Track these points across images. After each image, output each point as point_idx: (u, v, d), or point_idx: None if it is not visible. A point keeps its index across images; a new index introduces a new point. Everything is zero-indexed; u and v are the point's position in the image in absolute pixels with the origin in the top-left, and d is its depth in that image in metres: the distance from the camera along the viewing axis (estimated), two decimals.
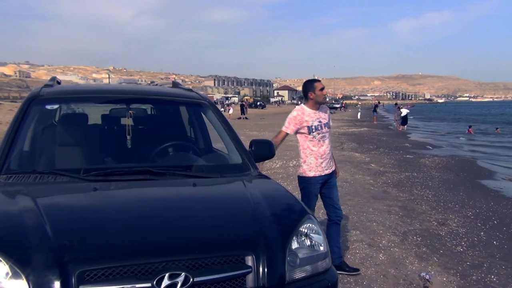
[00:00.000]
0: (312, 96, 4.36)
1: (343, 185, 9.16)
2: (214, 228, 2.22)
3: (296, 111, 4.40)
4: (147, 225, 2.15)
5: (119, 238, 2.06)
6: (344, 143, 18.59)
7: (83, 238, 2.03)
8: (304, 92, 4.44)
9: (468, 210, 7.38)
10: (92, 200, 2.47)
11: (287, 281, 2.16)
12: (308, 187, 4.43)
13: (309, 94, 4.37)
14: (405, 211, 7.19)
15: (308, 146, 4.37)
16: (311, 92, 4.36)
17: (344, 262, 4.59)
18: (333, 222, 4.60)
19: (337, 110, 76.34)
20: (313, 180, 4.40)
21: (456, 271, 4.65)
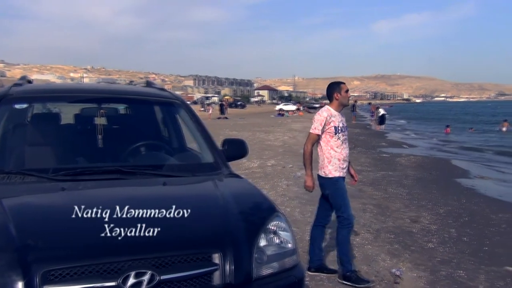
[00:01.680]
0: (338, 97, 4.37)
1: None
2: (182, 226, 2.24)
3: (325, 111, 4.35)
4: (113, 224, 2.15)
5: (84, 237, 2.06)
6: None
7: (47, 237, 2.03)
8: (330, 93, 4.42)
9: (440, 208, 7.54)
10: (59, 200, 2.46)
11: (254, 278, 2.20)
12: (338, 188, 4.34)
13: (335, 95, 4.37)
14: (380, 209, 7.31)
15: (332, 147, 4.31)
16: (337, 93, 4.37)
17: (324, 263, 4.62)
18: (323, 226, 4.66)
19: (316, 109, 76.71)
20: (341, 180, 4.38)
21: (426, 267, 4.76)
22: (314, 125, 4.32)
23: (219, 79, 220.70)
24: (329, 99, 4.45)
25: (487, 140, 25.69)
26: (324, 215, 4.59)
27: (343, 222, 4.30)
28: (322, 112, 4.36)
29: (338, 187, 4.33)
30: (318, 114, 4.35)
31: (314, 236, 4.58)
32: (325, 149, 4.32)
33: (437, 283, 4.35)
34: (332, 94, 4.40)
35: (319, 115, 4.34)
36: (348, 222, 4.29)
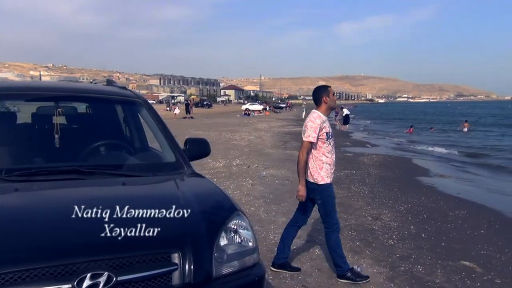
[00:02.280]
0: (327, 101, 4.33)
1: (285, 183, 9.34)
2: (140, 226, 2.21)
3: (317, 118, 4.26)
4: (69, 225, 2.11)
5: (38, 239, 2.00)
6: (288, 142, 18.90)
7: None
8: (318, 97, 4.36)
9: (400, 205, 7.74)
10: (12, 201, 2.38)
11: (214, 277, 2.19)
12: (330, 194, 4.37)
13: (324, 99, 4.33)
14: (343, 207, 7.42)
15: (324, 153, 4.29)
16: (326, 96, 4.33)
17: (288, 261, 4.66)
18: (298, 226, 4.71)
19: (282, 109, 77.45)
20: (332, 186, 4.41)
21: (386, 263, 4.88)
22: (308, 133, 4.21)
23: (185, 78, 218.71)
24: (316, 103, 4.40)
25: (447, 139, 26.58)
26: (303, 217, 4.61)
27: (332, 227, 4.38)
28: (315, 119, 4.26)
29: (330, 194, 4.36)
30: (311, 122, 4.24)
31: (287, 235, 4.62)
32: (317, 155, 4.28)
33: (396, 278, 4.46)
34: (320, 97, 4.35)
35: (312, 122, 4.24)
36: (337, 226, 4.41)
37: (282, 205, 7.31)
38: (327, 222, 4.39)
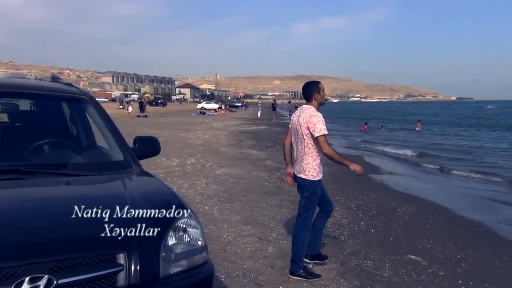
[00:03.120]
0: (317, 97, 4.36)
1: (239, 181, 9.34)
2: (83, 227, 2.14)
3: (317, 111, 4.27)
4: (6, 226, 2.00)
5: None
6: (242, 141, 18.93)
7: None
8: (309, 93, 4.37)
9: (351, 202, 7.93)
10: None
11: (161, 277, 2.16)
12: (317, 191, 4.40)
13: (315, 95, 4.35)
14: (296, 205, 7.38)
15: (318, 149, 4.30)
16: (317, 93, 4.35)
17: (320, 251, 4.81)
18: (328, 216, 4.81)
19: (238, 108, 77.51)
20: (320, 183, 4.44)
21: (337, 259, 4.98)
22: (319, 127, 4.16)
23: (138, 76, 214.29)
24: (307, 99, 4.41)
25: (399, 138, 27.47)
26: (329, 203, 4.75)
27: (305, 224, 4.45)
28: (317, 113, 4.25)
29: (317, 191, 4.40)
30: (316, 116, 4.21)
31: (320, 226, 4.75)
32: (313, 150, 4.29)
33: (346, 273, 4.56)
34: (311, 94, 4.36)
35: (316, 116, 4.21)
36: (309, 224, 4.49)
37: (236, 204, 7.31)
38: (303, 217, 4.44)
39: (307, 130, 4.22)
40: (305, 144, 4.30)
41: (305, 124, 4.23)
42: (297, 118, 4.38)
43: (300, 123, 4.30)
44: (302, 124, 4.27)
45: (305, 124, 4.23)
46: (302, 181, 4.37)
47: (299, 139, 4.36)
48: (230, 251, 5.06)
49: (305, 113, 4.29)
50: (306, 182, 4.35)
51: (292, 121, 4.53)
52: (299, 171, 4.37)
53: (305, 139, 4.28)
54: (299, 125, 4.31)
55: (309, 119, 4.21)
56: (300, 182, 4.40)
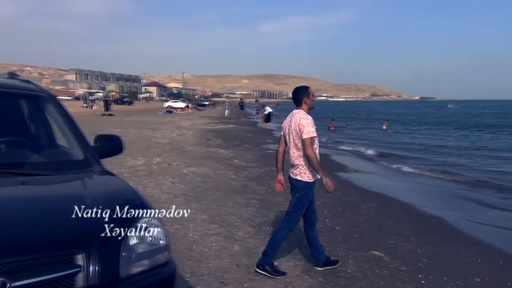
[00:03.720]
0: (307, 102, 4.45)
1: (206, 180, 9.30)
2: (40, 227, 2.08)
3: (307, 115, 4.38)
4: None
5: None
6: (210, 140, 18.85)
7: None
8: (299, 98, 4.47)
9: (317, 200, 7.96)
10: None
11: (122, 277, 2.13)
12: (309, 193, 4.48)
13: (305, 100, 4.45)
14: (262, 203, 7.54)
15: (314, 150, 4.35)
16: (307, 97, 4.45)
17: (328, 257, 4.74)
18: (313, 225, 4.75)
19: (206, 107, 77.15)
20: (314, 185, 4.51)
21: (303, 256, 5.03)
22: (308, 129, 4.26)
23: (104, 74, 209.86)
24: (296, 103, 4.50)
25: (366, 136, 27.97)
26: (313, 214, 4.72)
27: (290, 224, 4.53)
28: (307, 116, 4.37)
29: (309, 193, 4.49)
30: (305, 119, 4.31)
31: (311, 236, 4.71)
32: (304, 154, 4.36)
33: (311, 270, 4.62)
34: (301, 98, 4.46)
35: (306, 119, 4.31)
36: (294, 225, 4.57)
37: (202, 203, 7.27)
38: (290, 217, 4.52)
39: (299, 133, 4.32)
40: (299, 147, 4.39)
41: (296, 127, 4.34)
42: (289, 124, 4.48)
43: (292, 127, 4.41)
44: (294, 128, 4.37)
45: (296, 128, 4.34)
46: (296, 182, 4.46)
47: (292, 143, 4.46)
48: (196, 250, 5.03)
49: (296, 117, 4.40)
50: (300, 184, 4.44)
51: (284, 127, 4.61)
52: (295, 174, 4.48)
53: (299, 142, 4.37)
54: (292, 129, 4.41)
55: (300, 121, 4.32)
56: (294, 184, 4.49)
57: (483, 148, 21.45)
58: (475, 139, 27.40)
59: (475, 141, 25.59)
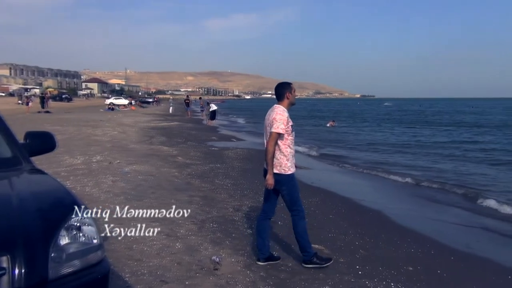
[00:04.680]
0: (289, 97, 4.62)
1: (148, 178, 9.12)
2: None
3: (284, 111, 4.52)
4: None
5: None
6: (153, 137, 18.50)
7: None
8: (281, 93, 4.62)
9: (261, 196, 8.01)
10: None
11: (51, 278, 2.04)
12: (295, 184, 4.64)
13: (287, 95, 4.60)
14: (206, 200, 7.51)
15: (289, 145, 4.53)
16: (289, 92, 4.62)
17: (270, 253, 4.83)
18: (269, 218, 4.89)
19: (150, 104, 75.62)
20: (295, 176, 4.66)
21: (245, 252, 5.06)
22: (277, 125, 4.41)
23: (40, 69, 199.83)
24: (278, 98, 4.64)
25: (308, 133, 28.49)
26: (272, 209, 4.86)
27: (299, 214, 4.67)
28: (283, 112, 4.49)
29: (295, 183, 4.63)
30: (280, 115, 4.45)
31: (262, 229, 4.81)
32: (283, 147, 4.50)
33: (252, 265, 4.65)
34: (284, 93, 4.61)
35: (281, 115, 4.45)
36: (303, 213, 4.71)
37: (144, 201, 7.13)
38: (295, 210, 4.67)
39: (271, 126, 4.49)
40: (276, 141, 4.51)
41: (271, 121, 4.49)
42: (267, 117, 4.63)
43: (268, 121, 4.57)
44: (270, 122, 4.53)
45: (271, 122, 4.50)
46: (277, 176, 4.54)
47: (266, 135, 4.60)
48: (136, 249, 4.92)
49: (274, 112, 4.55)
50: (281, 177, 4.55)
51: (265, 122, 4.72)
52: (273, 167, 4.55)
53: None
54: (268, 123, 4.57)
55: (275, 116, 4.49)
56: (276, 178, 4.55)
57: (421, 145, 22.42)
58: (415, 135, 28.61)
59: (415, 137, 26.74)
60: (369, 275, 4.59)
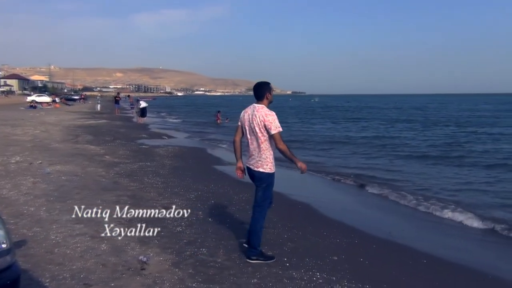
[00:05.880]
0: (269, 97, 4.76)
1: (72, 179, 8.74)
2: None
3: (271, 111, 4.64)
4: None
5: None
6: (79, 136, 17.72)
7: None
8: (262, 93, 4.73)
9: (191, 193, 8.03)
10: None
11: None
12: (273, 182, 4.82)
13: (267, 95, 4.74)
14: (134, 199, 7.32)
15: (272, 144, 4.68)
16: (269, 93, 4.75)
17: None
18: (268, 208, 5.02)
19: (75, 102, 72.32)
20: (275, 175, 4.83)
21: (173, 250, 5.00)
22: (276, 124, 4.56)
23: None
24: (258, 98, 4.75)
25: None
26: None
27: (261, 212, 4.86)
28: (271, 111, 4.64)
29: (272, 182, 4.83)
30: (270, 115, 4.58)
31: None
32: (270, 145, 4.68)
33: (181, 263, 4.61)
34: (264, 93, 4.73)
35: (271, 115, 4.58)
36: (266, 212, 4.93)
37: (67, 203, 6.82)
38: (261, 207, 4.85)
39: (264, 128, 4.60)
40: (262, 141, 4.65)
41: (261, 122, 4.60)
42: (251, 117, 4.70)
43: (255, 122, 4.64)
44: (258, 123, 4.62)
45: (261, 123, 4.60)
46: (260, 174, 4.72)
47: (255, 136, 4.68)
48: (58, 253, 4.71)
49: (260, 112, 4.64)
50: (264, 175, 4.73)
51: (244, 119, 4.83)
52: (257, 166, 4.72)
53: (262, 136, 4.63)
54: (255, 123, 4.64)
55: (266, 117, 4.58)
56: (258, 176, 4.74)
57: (347, 140, 23.27)
58: (343, 129, 29.65)
59: (341, 132, 27.72)
60: (295, 266, 4.71)
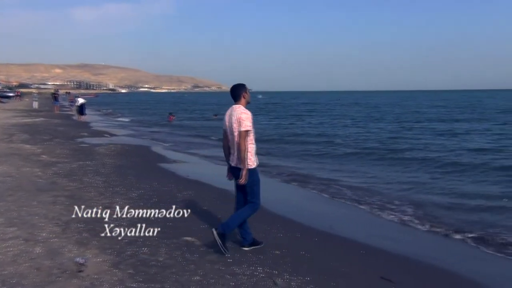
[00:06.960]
0: (245, 97, 5.01)
1: (5, 180, 8.32)
2: None
3: (247, 110, 4.90)
4: None
5: None
6: (14, 135, 16.83)
7: None
8: (238, 94, 4.99)
9: (133, 192, 7.86)
10: None
11: None
12: (258, 178, 4.99)
13: (244, 95, 4.99)
14: (72, 200, 7.06)
15: (252, 141, 4.90)
16: (245, 92, 5.01)
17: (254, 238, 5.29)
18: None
19: (10, 99, 68.60)
20: (258, 171, 5.04)
21: (113, 250, 4.87)
22: (245, 123, 4.78)
23: None
24: (235, 99, 5.00)
25: (189, 126, 28.31)
26: (244, 200, 5.10)
27: (253, 206, 5.03)
28: (247, 111, 4.88)
29: (258, 177, 5.00)
30: (245, 114, 4.83)
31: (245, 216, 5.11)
32: (248, 143, 4.84)
33: (121, 263, 4.49)
34: (240, 94, 4.99)
35: (246, 114, 4.83)
36: (257, 207, 5.07)
37: (0, 204, 6.47)
38: (253, 203, 5.02)
39: (238, 125, 4.81)
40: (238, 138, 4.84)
41: (237, 120, 4.83)
42: (230, 117, 4.95)
43: (233, 120, 4.88)
44: (235, 121, 4.85)
45: (237, 121, 4.83)
46: (242, 171, 4.84)
47: (233, 134, 4.88)
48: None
49: (237, 111, 4.89)
50: (250, 171, 4.87)
51: (225, 121, 5.04)
52: (237, 163, 4.92)
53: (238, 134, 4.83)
54: (233, 121, 4.87)
55: (240, 115, 4.83)
56: (240, 173, 4.86)
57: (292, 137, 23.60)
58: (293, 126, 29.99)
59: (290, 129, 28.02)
60: (238, 262, 4.73)
